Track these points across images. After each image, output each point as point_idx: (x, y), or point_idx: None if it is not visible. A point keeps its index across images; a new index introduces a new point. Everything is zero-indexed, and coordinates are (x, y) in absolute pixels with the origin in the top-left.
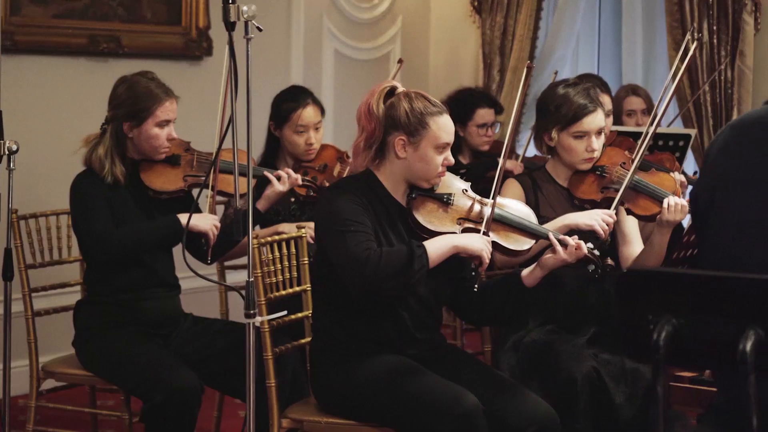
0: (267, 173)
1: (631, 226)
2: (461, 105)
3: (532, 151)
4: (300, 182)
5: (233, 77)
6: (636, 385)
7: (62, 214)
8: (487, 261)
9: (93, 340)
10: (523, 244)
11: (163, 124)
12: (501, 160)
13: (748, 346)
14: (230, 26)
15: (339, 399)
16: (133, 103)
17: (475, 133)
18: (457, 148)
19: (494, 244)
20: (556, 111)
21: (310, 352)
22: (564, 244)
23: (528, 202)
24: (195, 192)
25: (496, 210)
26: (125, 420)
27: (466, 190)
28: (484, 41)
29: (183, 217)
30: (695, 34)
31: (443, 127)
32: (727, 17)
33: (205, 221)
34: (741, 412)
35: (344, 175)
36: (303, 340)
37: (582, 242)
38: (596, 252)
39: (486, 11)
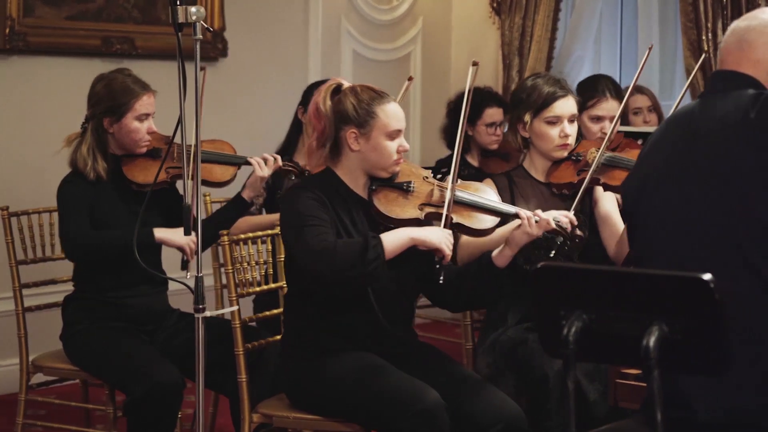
0: (249, 159)
1: (609, 205)
2: (470, 104)
3: None
4: (281, 164)
5: (182, 77)
6: (609, 382)
7: (54, 212)
8: (449, 253)
9: (79, 335)
10: (487, 222)
11: (142, 117)
12: (456, 147)
13: (652, 341)
14: (178, 27)
15: (306, 395)
16: (111, 99)
17: (484, 132)
18: (465, 147)
19: (458, 226)
20: (528, 98)
21: (281, 347)
22: (527, 218)
23: (502, 201)
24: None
25: (457, 192)
26: (110, 414)
27: (427, 177)
28: (503, 42)
29: (159, 231)
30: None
31: (391, 114)
32: (740, 17)
33: (181, 236)
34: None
35: None
36: (278, 336)
37: (548, 215)
38: (563, 225)
39: (505, 12)
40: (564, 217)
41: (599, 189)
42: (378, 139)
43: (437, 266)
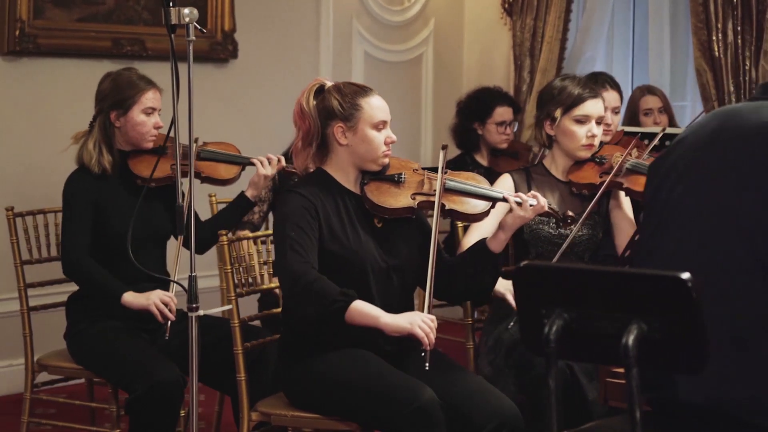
0: (252, 159)
1: (627, 214)
2: (480, 103)
3: None
4: (284, 164)
5: (175, 77)
6: (600, 381)
7: (59, 212)
8: (423, 336)
9: (82, 333)
10: (478, 207)
11: (148, 111)
12: (441, 156)
13: (631, 339)
14: (171, 29)
15: (303, 393)
16: (117, 93)
17: (494, 131)
18: (475, 146)
19: (452, 212)
20: (558, 95)
21: (278, 346)
22: (519, 202)
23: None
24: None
25: (447, 180)
26: (113, 412)
27: (417, 169)
28: (514, 43)
29: (128, 295)
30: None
31: (376, 106)
32: (751, 17)
33: (145, 299)
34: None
35: None
36: (276, 336)
37: (539, 196)
38: (554, 207)
39: (516, 13)
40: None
41: (620, 194)
42: (365, 130)
43: (422, 353)
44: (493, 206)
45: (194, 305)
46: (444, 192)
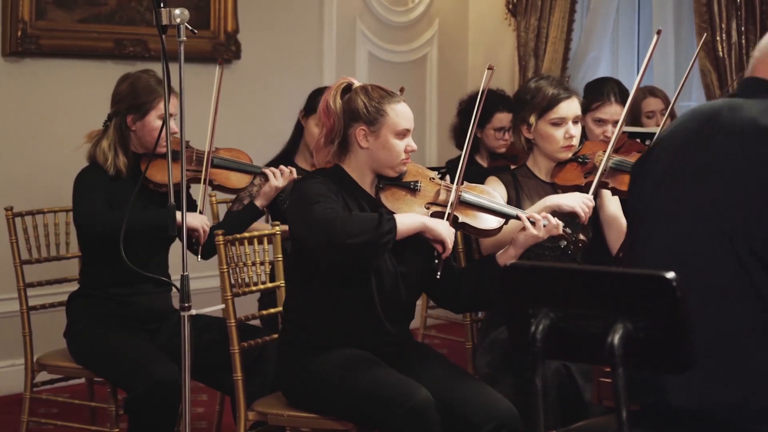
0: (264, 170)
1: (615, 209)
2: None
3: None
4: (296, 176)
5: (166, 78)
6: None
7: (59, 212)
8: (450, 247)
9: (82, 331)
10: (491, 223)
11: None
12: (465, 148)
13: (616, 339)
14: (162, 30)
15: (300, 392)
16: (134, 97)
17: (492, 137)
18: (474, 149)
19: (464, 225)
20: (532, 100)
21: (278, 344)
22: (533, 222)
23: (509, 199)
24: (195, 187)
25: (463, 193)
26: (112, 411)
27: (433, 178)
28: (519, 43)
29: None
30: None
31: (401, 113)
32: (755, 17)
33: (196, 219)
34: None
35: None
36: (275, 335)
37: (553, 217)
38: (568, 230)
39: (521, 14)
40: (586, 206)
41: (605, 192)
42: (387, 137)
43: (436, 261)
44: (506, 223)
45: (186, 305)
46: (458, 204)
